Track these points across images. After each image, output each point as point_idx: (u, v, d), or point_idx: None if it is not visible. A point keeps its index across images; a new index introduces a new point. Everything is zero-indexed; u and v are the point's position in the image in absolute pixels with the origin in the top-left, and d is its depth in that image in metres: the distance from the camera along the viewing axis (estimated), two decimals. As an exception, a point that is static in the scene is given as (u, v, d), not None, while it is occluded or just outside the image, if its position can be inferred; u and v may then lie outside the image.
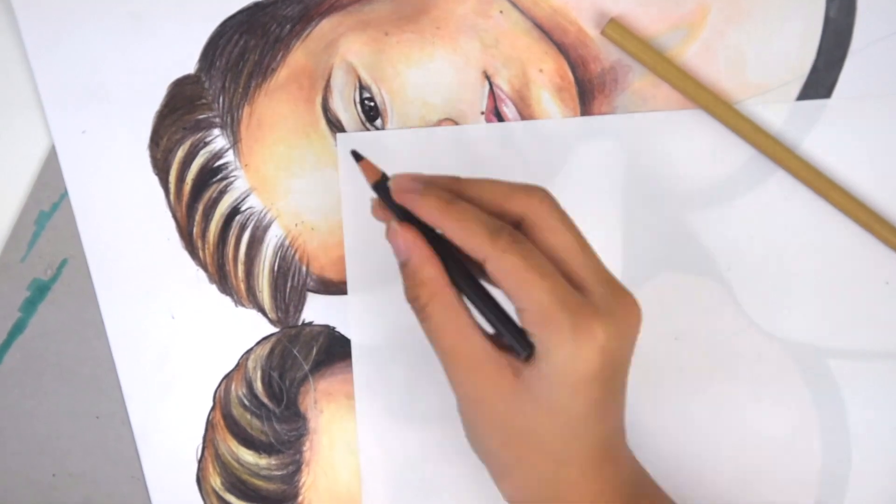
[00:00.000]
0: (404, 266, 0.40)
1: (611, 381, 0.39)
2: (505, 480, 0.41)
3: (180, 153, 0.51)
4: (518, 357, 0.39)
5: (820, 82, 0.50)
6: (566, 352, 0.38)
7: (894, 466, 0.51)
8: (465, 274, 0.40)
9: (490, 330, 0.40)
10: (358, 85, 0.51)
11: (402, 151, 0.51)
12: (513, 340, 0.39)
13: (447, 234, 0.39)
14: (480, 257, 0.38)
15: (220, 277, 0.52)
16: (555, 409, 0.38)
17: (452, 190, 0.40)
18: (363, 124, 0.51)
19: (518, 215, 0.40)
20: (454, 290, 0.40)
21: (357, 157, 0.42)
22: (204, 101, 0.51)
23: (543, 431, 0.39)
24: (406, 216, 0.41)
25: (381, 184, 0.41)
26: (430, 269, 0.40)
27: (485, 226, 0.39)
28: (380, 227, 0.51)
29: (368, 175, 0.42)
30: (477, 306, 0.40)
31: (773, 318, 0.51)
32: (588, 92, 0.50)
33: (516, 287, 0.38)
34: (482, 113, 0.51)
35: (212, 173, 0.51)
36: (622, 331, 0.39)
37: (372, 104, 0.51)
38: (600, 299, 0.39)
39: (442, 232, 0.40)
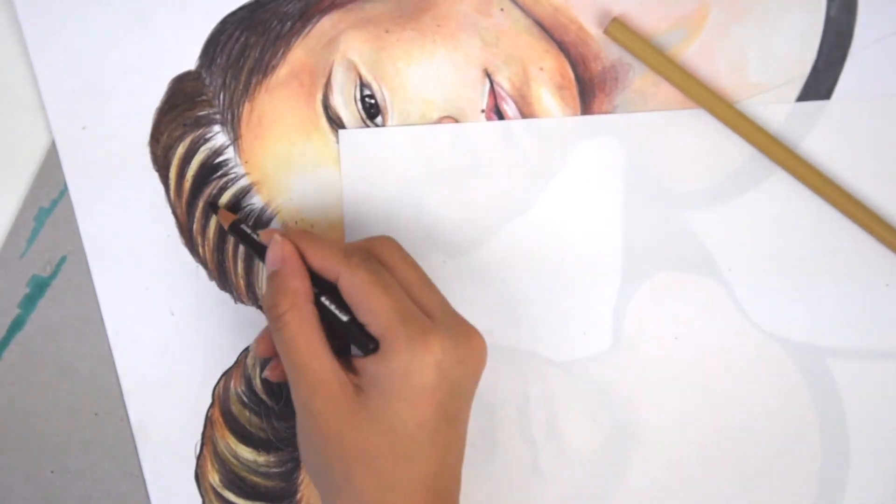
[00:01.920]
0: (274, 275, 0.43)
1: (446, 404, 0.41)
2: (329, 498, 0.42)
3: (181, 150, 0.51)
4: (364, 351, 0.42)
5: (820, 82, 0.50)
6: (402, 361, 0.40)
7: (893, 467, 0.51)
8: (325, 290, 0.43)
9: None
10: (358, 82, 0.51)
11: (402, 149, 0.51)
12: (360, 334, 0.42)
13: (306, 258, 0.43)
14: (334, 275, 0.42)
15: (220, 274, 0.52)
16: (389, 424, 0.40)
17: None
18: (363, 122, 0.51)
19: (367, 252, 0.43)
20: (314, 308, 0.42)
21: (214, 207, 0.50)
22: (204, 97, 0.51)
23: (375, 449, 0.40)
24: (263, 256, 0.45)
25: (235, 225, 0.47)
26: (297, 282, 0.43)
27: (340, 249, 0.43)
28: (380, 225, 0.51)
29: (224, 220, 0.48)
30: (330, 311, 0.43)
31: (773, 318, 0.51)
32: (589, 90, 0.50)
33: (363, 300, 0.41)
34: (482, 111, 0.51)
35: (212, 170, 0.51)
36: (461, 355, 0.41)
37: (372, 101, 0.51)
38: (442, 323, 0.42)
39: (307, 259, 0.43)
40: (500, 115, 0.51)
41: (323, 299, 0.43)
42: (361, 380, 0.41)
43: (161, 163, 0.52)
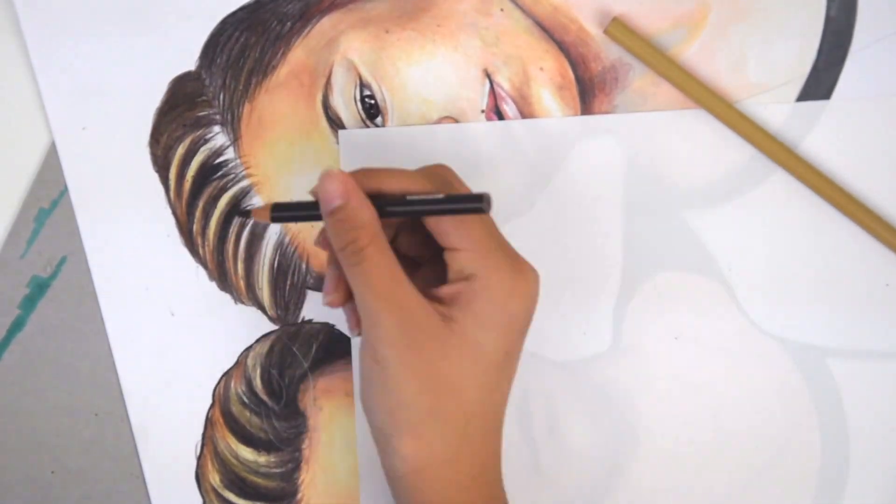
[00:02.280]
0: (339, 210, 0.40)
1: (522, 336, 0.41)
2: (408, 437, 0.40)
3: (180, 150, 0.51)
4: (475, 210, 0.39)
5: (820, 82, 0.50)
6: (503, 289, 0.40)
7: (893, 467, 0.51)
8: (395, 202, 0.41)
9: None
10: (358, 82, 0.51)
11: (402, 149, 0.51)
12: (467, 199, 0.40)
13: (389, 184, 0.41)
14: (414, 187, 0.41)
15: (220, 274, 0.52)
16: (480, 352, 0.40)
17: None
18: (363, 122, 0.51)
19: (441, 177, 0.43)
20: (386, 238, 0.41)
21: (245, 214, 0.47)
22: (204, 98, 0.51)
23: (463, 377, 0.40)
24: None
25: (277, 208, 0.43)
26: (368, 213, 0.40)
27: (411, 172, 0.42)
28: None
29: (261, 217, 0.44)
30: (420, 214, 0.41)
31: (773, 318, 0.51)
32: (589, 90, 0.50)
33: (457, 225, 0.40)
34: (482, 111, 0.51)
35: (212, 170, 0.51)
36: (537, 289, 0.41)
37: (372, 102, 0.51)
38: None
39: (381, 187, 0.41)
40: (500, 116, 0.50)
41: (409, 198, 0.41)
42: (449, 309, 0.40)
43: (161, 163, 0.52)
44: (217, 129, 0.51)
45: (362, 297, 0.40)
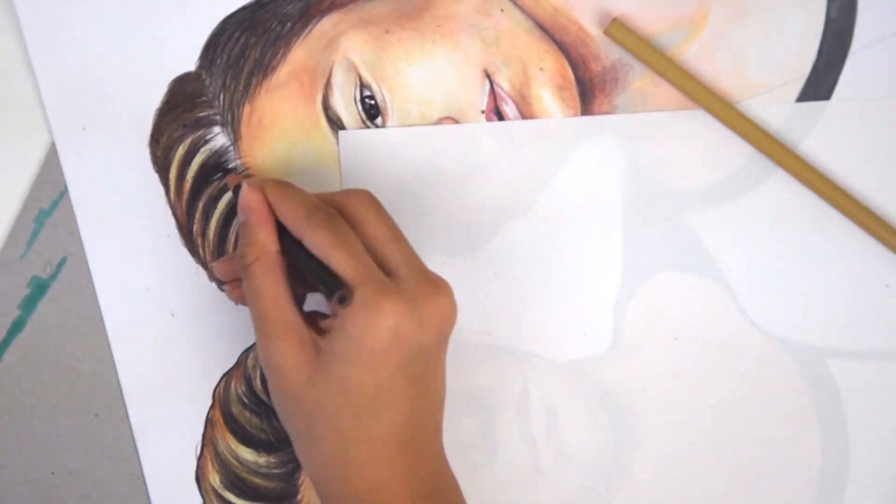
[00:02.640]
0: (243, 225, 0.43)
1: (406, 365, 0.40)
2: (300, 450, 0.43)
3: (181, 151, 0.51)
4: (332, 300, 0.40)
5: (820, 82, 0.50)
6: (358, 326, 0.39)
7: (893, 468, 0.51)
8: (298, 248, 0.42)
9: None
10: (358, 83, 0.51)
11: (402, 149, 0.51)
12: (331, 283, 0.40)
13: (277, 213, 0.43)
14: (298, 233, 0.42)
15: (221, 275, 0.52)
16: (346, 385, 0.40)
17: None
18: (363, 122, 0.51)
19: (339, 207, 0.43)
20: (281, 259, 0.42)
21: (226, 172, 0.51)
22: (204, 98, 0.51)
23: (334, 408, 0.40)
24: None
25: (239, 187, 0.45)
26: (263, 233, 0.42)
27: (304, 204, 0.42)
28: (380, 225, 0.51)
29: (232, 181, 0.46)
30: (301, 265, 0.42)
31: (773, 318, 0.51)
32: (589, 91, 0.50)
33: (324, 261, 0.41)
34: (482, 111, 0.51)
35: (212, 171, 0.51)
36: (422, 318, 0.40)
37: (372, 102, 0.51)
38: (406, 285, 0.41)
39: (274, 208, 0.43)
40: (500, 116, 0.50)
41: (304, 243, 0.42)
42: (324, 341, 0.41)
43: (161, 164, 0.52)
44: (217, 129, 0.51)
45: (250, 311, 0.42)
